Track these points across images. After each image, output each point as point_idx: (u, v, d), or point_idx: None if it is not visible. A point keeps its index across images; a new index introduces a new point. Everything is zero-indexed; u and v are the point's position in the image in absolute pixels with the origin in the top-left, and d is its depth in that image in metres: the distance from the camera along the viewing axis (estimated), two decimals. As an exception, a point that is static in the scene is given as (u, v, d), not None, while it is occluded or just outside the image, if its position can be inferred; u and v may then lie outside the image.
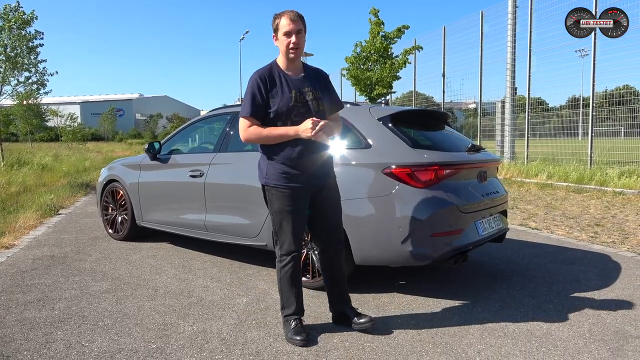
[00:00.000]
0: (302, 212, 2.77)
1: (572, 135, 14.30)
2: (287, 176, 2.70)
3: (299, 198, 2.74)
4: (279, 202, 2.74)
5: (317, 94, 2.75)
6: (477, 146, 3.89)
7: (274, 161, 2.73)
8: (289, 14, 2.66)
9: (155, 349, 2.65)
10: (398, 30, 15.95)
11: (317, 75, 2.84)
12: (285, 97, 2.67)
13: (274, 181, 2.73)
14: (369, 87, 16.51)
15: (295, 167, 2.70)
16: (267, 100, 2.68)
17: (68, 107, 48.20)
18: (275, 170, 2.73)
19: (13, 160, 15.15)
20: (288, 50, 2.68)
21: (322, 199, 2.84)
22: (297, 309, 2.82)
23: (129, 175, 5.21)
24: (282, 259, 2.81)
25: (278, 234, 2.81)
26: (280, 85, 2.69)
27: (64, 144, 32.49)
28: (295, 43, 2.66)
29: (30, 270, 4.18)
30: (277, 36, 2.70)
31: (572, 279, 3.95)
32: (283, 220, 2.75)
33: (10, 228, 5.80)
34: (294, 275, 2.80)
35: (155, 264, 4.40)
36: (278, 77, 2.71)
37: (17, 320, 3.06)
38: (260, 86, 2.67)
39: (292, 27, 2.64)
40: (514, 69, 14.34)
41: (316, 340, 2.77)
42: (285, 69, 2.75)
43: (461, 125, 19.88)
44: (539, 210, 7.39)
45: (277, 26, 2.69)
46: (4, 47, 14.53)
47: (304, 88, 2.72)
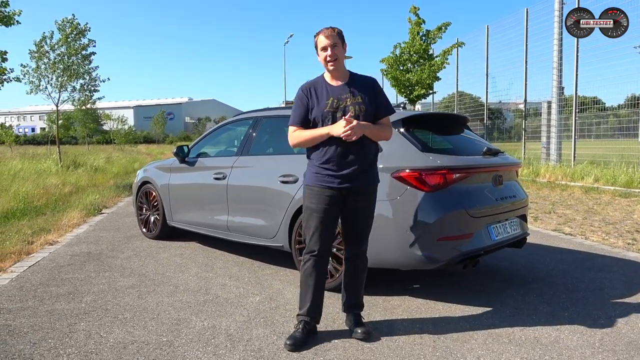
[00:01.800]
0: (327, 212, 2.80)
1: (631, 137, 13.54)
2: (318, 176, 2.82)
3: (326, 197, 2.79)
4: (307, 199, 2.87)
5: (357, 100, 2.82)
6: (493, 149, 3.83)
7: (311, 163, 2.89)
8: (325, 32, 2.85)
9: (165, 342, 2.82)
10: (439, 29, 15.70)
11: (361, 82, 2.92)
12: (322, 103, 2.83)
13: (308, 180, 2.88)
14: (408, 89, 16.37)
15: (326, 167, 2.80)
16: (309, 108, 2.85)
17: (122, 112, 50.72)
18: (310, 172, 2.88)
19: (69, 162, 16.14)
20: (326, 63, 2.85)
21: (352, 202, 2.86)
22: (308, 311, 2.86)
23: (161, 177, 5.48)
24: (304, 257, 2.89)
25: (305, 232, 2.92)
26: (321, 94, 2.86)
27: (117, 146, 34.15)
28: (330, 56, 2.81)
29: (67, 265, 4.50)
30: (318, 52, 2.89)
31: (595, 287, 3.81)
32: (309, 217, 2.85)
33: (57, 226, 6.24)
34: (310, 277, 2.84)
35: (181, 262, 4.61)
36: (321, 87, 2.88)
37: (48, 310, 3.32)
38: (303, 97, 2.88)
39: (328, 42, 2.82)
40: (560, 67, 13.78)
41: (318, 342, 2.83)
42: (329, 80, 2.90)
43: (510, 126, 19.31)
44: (578, 215, 7.10)
45: (316, 43, 2.88)
46: (62, 57, 15.56)
47: (342, 95, 2.83)
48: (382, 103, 2.92)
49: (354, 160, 2.79)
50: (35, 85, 15.48)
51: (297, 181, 3.91)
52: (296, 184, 3.90)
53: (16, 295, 3.65)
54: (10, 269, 4.33)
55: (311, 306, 2.87)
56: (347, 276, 3.04)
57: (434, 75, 15.68)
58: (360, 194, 2.86)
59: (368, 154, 2.86)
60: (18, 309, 3.36)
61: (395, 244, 3.36)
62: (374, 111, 2.87)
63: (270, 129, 4.62)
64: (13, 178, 10.76)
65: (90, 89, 16.93)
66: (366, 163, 2.85)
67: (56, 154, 17.15)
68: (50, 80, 15.64)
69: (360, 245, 2.98)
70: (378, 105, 2.89)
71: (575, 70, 12.62)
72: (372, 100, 2.86)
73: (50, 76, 15.58)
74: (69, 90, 16.28)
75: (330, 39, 2.82)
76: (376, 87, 2.94)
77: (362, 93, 2.84)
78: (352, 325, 2.94)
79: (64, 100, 16.52)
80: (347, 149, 2.76)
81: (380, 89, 2.96)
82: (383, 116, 2.93)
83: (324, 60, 2.84)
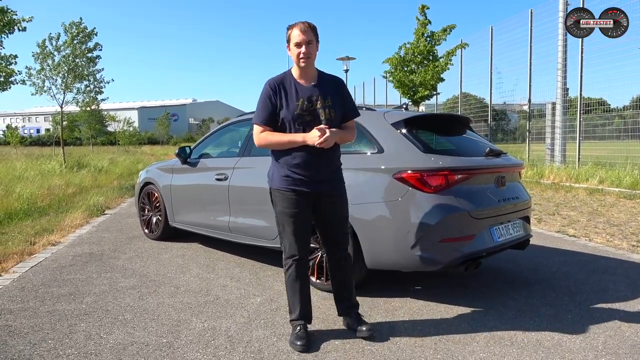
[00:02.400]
0: (303, 216, 2.83)
1: (637, 138, 13.43)
2: (288, 179, 2.79)
3: (300, 202, 2.80)
4: (280, 204, 2.83)
5: (327, 102, 2.79)
6: (496, 150, 3.80)
7: (279, 165, 2.83)
8: (300, 26, 2.74)
9: (165, 343, 2.81)
10: (444, 31, 15.68)
11: (330, 83, 2.88)
12: (292, 105, 2.76)
13: (276, 184, 2.83)
14: (412, 90, 16.35)
15: (297, 171, 2.77)
16: (277, 107, 2.77)
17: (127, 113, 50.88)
18: (278, 174, 2.82)
19: (73, 163, 16.20)
20: (299, 60, 2.77)
21: (324, 205, 2.87)
22: (301, 315, 2.85)
23: (163, 178, 5.48)
24: (285, 262, 2.88)
25: (281, 237, 2.89)
26: (290, 93, 2.78)
27: (121, 147, 34.26)
28: (305, 53, 2.73)
29: (69, 265, 4.50)
30: (290, 46, 2.79)
31: (599, 289, 3.78)
32: (285, 222, 2.83)
33: (60, 226, 6.25)
34: (297, 280, 2.84)
35: (182, 263, 4.61)
36: (289, 86, 2.80)
37: (49, 311, 3.32)
38: (270, 94, 2.78)
39: (303, 38, 2.72)
40: (565, 69, 13.71)
41: (318, 344, 2.81)
42: (297, 78, 2.83)
43: (515, 127, 19.23)
44: (582, 217, 7.05)
45: (289, 37, 2.78)
46: (67, 58, 15.64)
47: (313, 96, 2.78)
48: (350, 106, 2.93)
49: (324, 164, 2.82)
50: (39, 87, 15.57)
51: (299, 182, 3.89)
52: (297, 185, 3.89)
53: (17, 295, 3.65)
54: (13, 270, 4.34)
55: (302, 309, 2.86)
56: (337, 280, 3.02)
57: (437, 76, 15.66)
58: (334, 196, 2.90)
59: (336, 158, 2.91)
60: (19, 309, 3.36)
61: (397, 245, 3.34)
62: (342, 114, 2.87)
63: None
64: (18, 179, 10.81)
65: (95, 91, 17.03)
66: (335, 166, 2.90)
67: (60, 155, 17.23)
68: (54, 82, 15.75)
69: (342, 246, 3.00)
70: (346, 108, 2.90)
71: (580, 72, 12.54)
72: (341, 103, 2.86)
73: (55, 78, 15.68)
74: (74, 92, 16.41)
75: (305, 34, 2.72)
76: (344, 88, 2.95)
77: (331, 95, 2.82)
78: (355, 324, 2.92)
79: (68, 102, 16.61)
80: (317, 153, 2.76)
81: (347, 90, 2.97)
82: (350, 119, 2.93)
83: (296, 57, 2.75)
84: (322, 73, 2.91)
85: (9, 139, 32.92)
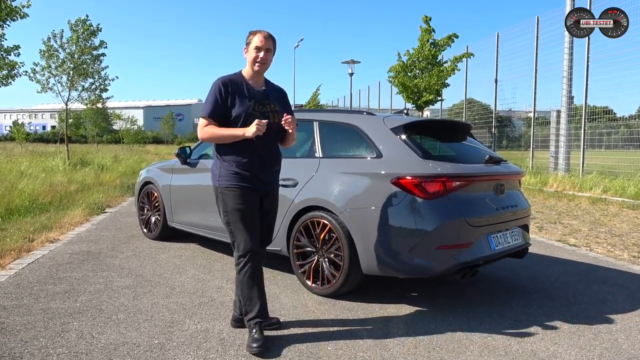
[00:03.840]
0: (253, 212, 2.89)
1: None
2: (238, 176, 2.85)
3: (250, 198, 2.87)
4: (232, 201, 2.85)
5: (275, 108, 2.95)
6: (496, 158, 3.78)
7: (227, 163, 2.88)
8: (263, 33, 2.90)
9: (157, 344, 2.79)
10: (448, 38, 15.66)
11: (277, 91, 3.07)
12: (245, 104, 2.86)
13: (226, 182, 2.87)
14: (416, 95, 16.31)
15: (246, 169, 2.85)
16: (227, 104, 2.85)
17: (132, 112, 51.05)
18: (227, 172, 2.87)
19: (77, 160, 16.25)
20: (254, 63, 2.89)
21: (266, 205, 3.00)
22: (259, 313, 2.83)
23: (163, 178, 5.48)
24: (239, 260, 2.86)
25: (234, 234, 2.88)
26: (242, 93, 2.88)
27: (126, 146, 34.36)
28: (262, 58, 2.88)
29: (66, 263, 4.50)
30: (248, 49, 2.91)
31: (597, 299, 3.74)
32: (237, 219, 2.84)
33: (59, 224, 6.26)
34: (252, 278, 2.85)
35: (179, 264, 4.60)
36: (241, 86, 2.90)
37: (42, 309, 3.31)
38: (222, 90, 2.86)
39: (263, 44, 2.87)
40: (570, 77, 13.65)
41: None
42: (248, 79, 2.93)
43: (520, 134, 19.15)
44: (584, 226, 7.00)
45: (250, 41, 2.90)
46: (72, 55, 15.71)
47: (264, 100, 2.92)
48: (291, 114, 3.02)
49: (269, 166, 2.95)
50: (44, 84, 15.63)
51: (297, 185, 3.88)
52: (295, 187, 3.88)
53: (12, 292, 3.64)
54: (9, 266, 4.34)
55: (260, 307, 2.85)
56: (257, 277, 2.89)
57: (442, 81, 15.62)
58: (274, 196, 3.06)
59: (278, 161, 3.04)
60: (13, 306, 3.35)
61: (392, 251, 3.32)
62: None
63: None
64: (21, 175, 10.84)
65: (100, 88, 17.09)
66: (277, 169, 3.05)
67: (64, 152, 17.30)
68: (60, 79, 15.81)
69: (263, 246, 3.08)
70: None
71: (585, 80, 12.49)
72: (284, 110, 2.99)
73: (60, 75, 15.73)
74: (79, 90, 16.46)
75: (266, 42, 2.88)
76: (287, 97, 3.15)
77: (277, 101, 3.00)
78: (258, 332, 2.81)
79: (73, 99, 16.67)
80: (264, 154, 2.90)
81: (289, 100, 3.17)
82: None
83: (253, 60, 2.88)
84: (269, 81, 3.09)
85: (15, 135, 33.09)
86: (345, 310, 3.40)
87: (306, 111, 4.73)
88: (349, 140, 3.90)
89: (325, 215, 3.61)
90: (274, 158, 3.00)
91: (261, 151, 2.88)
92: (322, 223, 3.64)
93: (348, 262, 3.46)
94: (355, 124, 3.82)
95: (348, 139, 3.91)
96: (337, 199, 3.57)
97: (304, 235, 3.78)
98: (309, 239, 3.76)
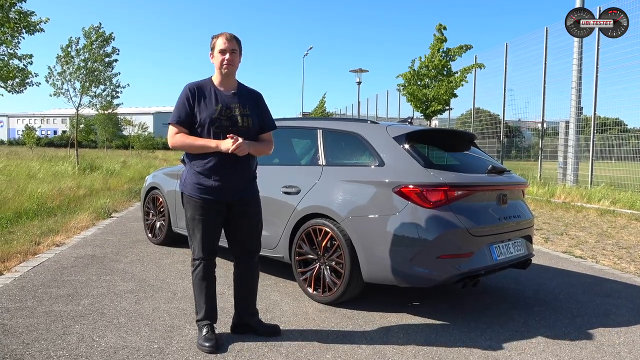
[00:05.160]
0: (213, 222, 2.89)
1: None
2: (201, 187, 2.84)
3: (211, 209, 2.86)
4: (191, 210, 2.89)
5: (245, 111, 2.89)
6: (499, 168, 3.77)
7: (192, 171, 2.88)
8: (225, 35, 2.86)
9: (156, 349, 2.81)
10: (460, 48, 15.65)
11: (249, 94, 2.98)
12: (210, 109, 2.83)
13: (188, 190, 2.89)
14: (424, 104, 16.31)
15: (210, 179, 2.83)
16: (194, 110, 2.84)
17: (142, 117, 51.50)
18: (191, 180, 2.88)
19: (86, 165, 16.41)
20: (222, 66, 2.86)
21: (237, 214, 2.94)
22: (206, 315, 2.93)
23: (168, 183, 5.52)
24: (193, 263, 2.97)
25: (191, 239, 2.95)
26: (209, 98, 2.86)
27: (135, 151, 34.64)
28: (229, 60, 2.84)
29: (70, 267, 4.54)
30: (214, 54, 2.89)
31: (601, 312, 3.70)
32: (195, 227, 2.90)
33: (65, 228, 6.32)
34: (202, 281, 2.92)
35: (182, 269, 4.62)
36: (208, 91, 2.88)
37: (45, 312, 3.34)
38: (189, 96, 2.85)
39: (227, 45, 2.84)
40: (579, 87, 13.59)
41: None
42: (218, 85, 2.91)
43: (529, 145, 19.06)
44: (591, 238, 6.94)
45: (214, 45, 2.87)
46: (85, 62, 15.94)
47: (232, 104, 2.86)
48: (267, 118, 3.03)
49: (239, 174, 2.88)
50: (58, 88, 15.87)
51: (300, 192, 3.90)
52: (298, 195, 3.90)
53: (17, 294, 3.68)
54: (15, 269, 4.38)
55: (208, 309, 2.93)
56: (245, 287, 3.08)
57: (451, 91, 15.61)
58: (248, 205, 2.97)
59: (251, 168, 2.98)
60: (16, 308, 3.39)
61: (394, 259, 3.31)
62: (259, 125, 2.95)
63: (277, 139, 4.62)
64: (30, 179, 10.97)
65: (112, 95, 17.28)
66: (250, 176, 2.97)
67: (74, 157, 17.48)
68: (72, 84, 16.04)
69: (254, 254, 3.07)
70: (263, 120, 2.99)
71: (595, 90, 12.42)
72: (258, 114, 2.96)
73: (73, 80, 15.96)
74: (90, 95, 16.66)
75: (230, 43, 2.84)
76: (261, 101, 3.04)
77: (249, 105, 2.92)
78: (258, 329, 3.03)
79: (84, 105, 16.87)
80: (233, 162, 2.83)
81: (265, 104, 3.06)
82: (267, 131, 3.01)
83: (219, 63, 2.84)
84: (242, 85, 3.02)
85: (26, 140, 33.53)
86: (345, 319, 3.39)
87: (310, 119, 4.76)
88: (352, 149, 3.92)
89: (327, 222, 3.62)
90: (245, 166, 2.91)
91: (229, 157, 2.79)
92: (323, 231, 3.65)
93: (349, 270, 3.46)
94: (359, 132, 3.84)
95: (351, 147, 3.92)
96: (339, 206, 3.58)
97: (305, 242, 3.79)
98: (311, 246, 3.77)
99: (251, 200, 3.00)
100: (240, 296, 3.11)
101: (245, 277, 3.09)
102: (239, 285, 3.11)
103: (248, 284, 3.10)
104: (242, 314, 3.09)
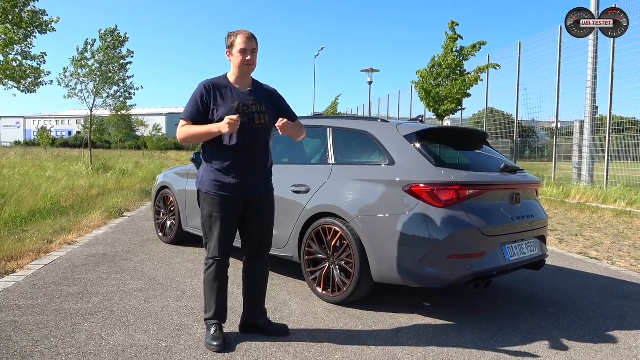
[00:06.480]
0: (230, 220, 2.88)
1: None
2: (218, 184, 2.83)
3: (228, 206, 2.85)
4: (208, 207, 2.87)
5: (261, 108, 2.87)
6: (512, 167, 3.70)
7: (210, 168, 2.87)
8: (245, 34, 2.82)
9: (164, 347, 2.80)
10: (473, 47, 15.49)
11: (264, 91, 2.97)
12: (227, 107, 2.81)
13: (205, 188, 2.88)
14: (437, 102, 16.18)
15: (228, 175, 2.81)
16: (209, 107, 2.82)
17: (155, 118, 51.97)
18: (208, 178, 2.86)
19: (99, 165, 16.58)
20: (242, 66, 2.83)
21: (253, 211, 2.93)
22: (216, 314, 2.92)
23: (178, 183, 5.53)
24: (207, 262, 2.94)
25: (207, 238, 2.93)
26: (226, 96, 2.84)
27: (148, 152, 34.94)
28: (249, 60, 2.82)
29: (82, 265, 4.57)
30: (232, 52, 2.85)
31: (617, 315, 3.61)
32: (211, 225, 2.88)
33: (78, 226, 6.37)
34: (215, 281, 2.91)
35: (192, 268, 4.62)
36: (225, 89, 2.86)
37: (55, 309, 3.36)
38: (204, 94, 2.83)
39: (248, 45, 2.80)
40: (594, 87, 13.36)
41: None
42: (234, 83, 2.89)
43: (543, 145, 18.81)
44: (606, 239, 6.80)
45: (233, 43, 2.83)
46: (100, 64, 16.10)
47: (248, 101, 2.85)
48: (287, 111, 3.01)
49: (255, 170, 2.88)
50: (72, 89, 16.05)
51: (309, 191, 3.87)
52: (308, 193, 3.87)
53: (28, 292, 3.71)
54: (27, 267, 4.42)
55: (218, 309, 2.92)
56: (255, 286, 3.07)
57: (464, 90, 15.45)
58: (263, 202, 2.95)
59: (267, 165, 2.96)
60: (28, 306, 3.41)
61: (404, 259, 3.27)
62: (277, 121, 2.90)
63: (286, 138, 4.59)
64: (45, 179, 11.11)
65: (125, 96, 17.43)
66: (265, 173, 2.96)
67: (88, 157, 17.68)
68: (86, 86, 16.21)
69: (265, 252, 3.07)
70: (285, 114, 2.95)
71: (610, 90, 12.21)
72: (276, 110, 2.94)
73: (87, 82, 16.14)
74: (104, 97, 16.83)
75: (251, 42, 2.81)
76: (277, 97, 3.02)
77: (265, 102, 2.90)
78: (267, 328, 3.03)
79: (98, 106, 17.05)
80: (249, 158, 2.83)
81: (282, 98, 3.04)
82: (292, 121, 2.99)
83: (240, 62, 2.81)
84: (257, 81, 3.00)
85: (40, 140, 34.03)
86: (355, 319, 3.36)
87: (320, 118, 4.73)
88: (362, 147, 3.88)
89: (336, 222, 3.59)
90: (261, 163, 2.92)
91: (246, 154, 2.81)
92: (333, 230, 3.62)
93: (359, 270, 3.43)
94: (369, 131, 3.80)
95: (361, 145, 3.89)
96: (349, 206, 3.55)
97: (315, 242, 3.76)
98: (321, 245, 3.74)
99: (267, 197, 2.99)
100: (249, 295, 3.09)
101: (255, 275, 3.08)
102: (248, 283, 3.09)
103: (258, 282, 3.09)
104: (250, 313, 3.08)
